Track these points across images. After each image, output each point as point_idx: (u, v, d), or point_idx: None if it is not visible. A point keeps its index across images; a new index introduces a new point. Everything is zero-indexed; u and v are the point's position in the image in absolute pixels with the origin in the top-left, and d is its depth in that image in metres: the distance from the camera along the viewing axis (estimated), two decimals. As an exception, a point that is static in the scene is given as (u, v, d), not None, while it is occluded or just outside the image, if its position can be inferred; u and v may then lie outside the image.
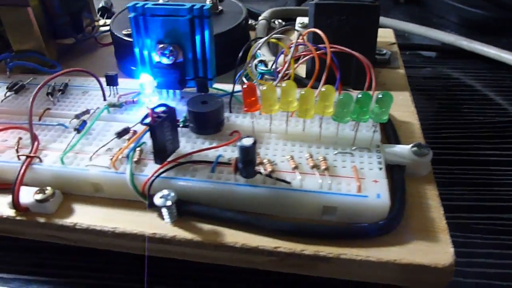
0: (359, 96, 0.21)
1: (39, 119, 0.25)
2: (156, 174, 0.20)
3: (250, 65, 0.26)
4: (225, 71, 0.29)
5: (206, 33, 0.24)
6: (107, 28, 0.39)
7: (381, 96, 0.21)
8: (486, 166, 0.29)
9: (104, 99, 0.26)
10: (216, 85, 0.26)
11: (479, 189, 0.27)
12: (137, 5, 0.24)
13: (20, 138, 0.23)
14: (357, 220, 0.19)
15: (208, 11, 0.23)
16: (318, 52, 0.24)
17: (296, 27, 0.38)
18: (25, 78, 0.29)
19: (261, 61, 0.28)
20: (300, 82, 0.28)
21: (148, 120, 0.20)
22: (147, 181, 0.20)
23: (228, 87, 0.27)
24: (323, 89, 0.21)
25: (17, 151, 0.23)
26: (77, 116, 0.25)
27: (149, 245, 0.20)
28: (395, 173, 0.21)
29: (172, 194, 0.19)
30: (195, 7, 0.23)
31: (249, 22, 0.37)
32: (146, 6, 0.24)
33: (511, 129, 0.32)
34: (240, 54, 0.27)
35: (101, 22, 0.41)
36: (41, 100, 0.27)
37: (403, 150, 0.22)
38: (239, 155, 0.19)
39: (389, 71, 0.32)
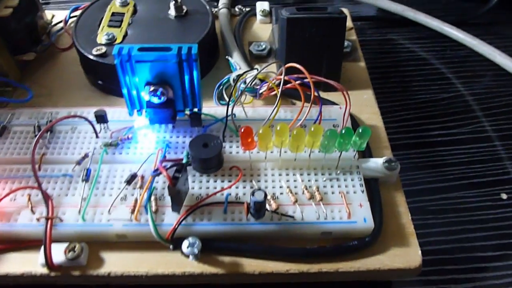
0: (343, 132, 0.24)
1: (39, 168, 0.26)
2: (178, 223, 0.23)
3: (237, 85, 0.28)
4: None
5: (195, 73, 0.25)
6: (60, 25, 0.38)
7: (361, 131, 0.24)
8: (434, 148, 0.34)
9: (97, 137, 0.27)
10: (204, 109, 0.28)
11: (429, 172, 0.33)
12: (122, 52, 0.24)
13: (29, 195, 0.24)
14: (348, 237, 0.24)
15: (196, 55, 0.24)
16: (297, 82, 0.26)
17: (258, 15, 0.39)
18: (1, 115, 0.29)
19: (244, 82, 0.29)
20: (286, 95, 0.31)
21: (160, 173, 0.22)
22: (172, 231, 0.23)
23: (210, 106, 0.29)
24: (312, 129, 0.24)
25: (32, 211, 0.24)
26: (78, 162, 0.26)
27: (179, 279, 0.23)
28: (372, 186, 0.26)
29: (197, 242, 0.22)
30: (182, 52, 0.24)
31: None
32: (131, 53, 0.24)
33: (453, 105, 0.38)
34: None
35: (49, 14, 0.39)
36: (30, 143, 0.27)
37: (376, 165, 0.26)
38: (252, 204, 0.22)
39: (351, 65, 0.35)
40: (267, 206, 0.24)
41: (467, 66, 0.41)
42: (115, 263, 0.23)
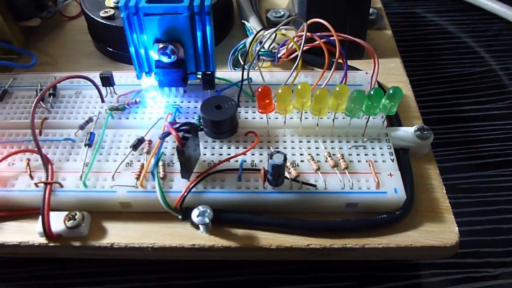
0: (371, 93, 0.22)
1: (40, 133, 0.24)
2: (188, 190, 0.21)
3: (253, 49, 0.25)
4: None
5: (208, 28, 0.23)
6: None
7: (392, 91, 0.21)
8: (465, 123, 0.32)
9: (102, 101, 0.25)
10: (216, 73, 0.26)
11: (461, 148, 0.30)
12: (129, 4, 0.22)
13: (28, 160, 0.23)
14: (376, 211, 0.21)
15: (209, 7, 0.22)
16: (322, 40, 0.24)
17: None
18: (3, 79, 0.27)
19: (259, 42, 0.27)
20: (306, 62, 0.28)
21: (168, 134, 0.20)
22: (180, 199, 0.21)
23: (224, 71, 0.27)
24: (337, 89, 0.21)
25: (31, 176, 0.22)
26: (81, 127, 0.24)
27: (187, 253, 0.21)
28: (402, 157, 0.23)
29: (208, 211, 0.20)
30: (195, 4, 0.22)
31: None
32: (139, 5, 0.22)
33: (486, 79, 0.35)
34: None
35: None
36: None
37: (407, 134, 0.24)
38: (270, 170, 0.20)
39: (377, 33, 0.32)
40: (286, 174, 0.21)
41: (501, 40, 0.38)
42: (119, 234, 0.21)
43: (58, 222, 0.21)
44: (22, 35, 0.31)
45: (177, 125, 0.20)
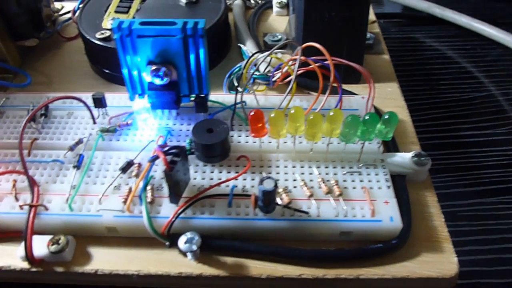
0: (366, 118, 0.21)
1: (28, 154, 0.23)
2: (176, 216, 0.20)
3: (248, 73, 0.25)
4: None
5: (201, 51, 0.23)
6: (68, 16, 0.36)
7: (387, 117, 0.21)
8: (466, 149, 0.31)
9: (94, 122, 0.25)
10: (211, 96, 0.26)
11: (462, 174, 0.29)
12: (122, 26, 0.22)
13: (15, 181, 0.22)
14: (371, 239, 0.21)
15: (203, 30, 0.22)
16: (317, 64, 0.23)
17: (274, 6, 0.37)
18: (-4, 98, 0.27)
19: (254, 65, 0.27)
20: (301, 85, 0.28)
21: (157, 158, 0.19)
22: (167, 224, 0.20)
23: (219, 93, 0.26)
24: (331, 113, 0.21)
25: (16, 198, 0.21)
26: (71, 148, 0.23)
27: (174, 281, 0.20)
28: (398, 184, 0.23)
29: (196, 237, 0.19)
30: (188, 26, 0.22)
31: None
32: (132, 27, 0.22)
33: (486, 105, 0.34)
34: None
35: (58, 5, 0.37)
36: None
37: (404, 160, 0.23)
38: (260, 196, 0.19)
39: (374, 58, 0.32)
40: (278, 200, 0.21)
41: (500, 65, 0.38)
42: (103, 259, 0.21)
43: (41, 246, 0.20)
44: (18, 54, 0.31)
45: (166, 149, 0.20)
